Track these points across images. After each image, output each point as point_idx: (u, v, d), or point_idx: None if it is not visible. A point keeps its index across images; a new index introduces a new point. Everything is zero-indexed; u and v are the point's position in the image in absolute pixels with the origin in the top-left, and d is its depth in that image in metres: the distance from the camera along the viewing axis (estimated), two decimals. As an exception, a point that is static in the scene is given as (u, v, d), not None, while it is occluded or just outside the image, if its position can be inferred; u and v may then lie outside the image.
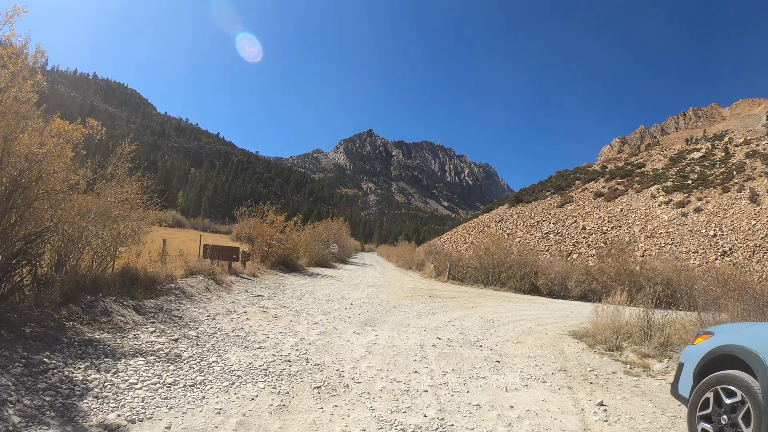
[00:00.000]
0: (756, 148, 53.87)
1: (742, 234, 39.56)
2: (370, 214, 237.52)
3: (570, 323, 10.26)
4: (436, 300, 12.82)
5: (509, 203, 66.32)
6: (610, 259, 20.23)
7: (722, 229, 41.30)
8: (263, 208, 18.12)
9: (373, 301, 11.09)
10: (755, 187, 45.20)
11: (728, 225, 41.72)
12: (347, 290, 13.20)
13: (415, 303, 11.58)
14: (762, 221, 39.91)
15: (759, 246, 37.46)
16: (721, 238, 40.41)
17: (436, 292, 15.44)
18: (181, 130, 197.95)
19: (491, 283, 20.27)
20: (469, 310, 11.30)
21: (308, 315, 8.22)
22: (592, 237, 47.72)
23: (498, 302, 14.20)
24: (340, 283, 15.33)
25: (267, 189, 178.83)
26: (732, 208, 43.71)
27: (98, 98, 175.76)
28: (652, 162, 65.43)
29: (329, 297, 11.17)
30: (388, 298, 12.21)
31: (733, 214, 42.93)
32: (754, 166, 49.50)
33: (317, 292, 12.04)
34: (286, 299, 9.99)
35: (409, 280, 19.99)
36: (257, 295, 9.97)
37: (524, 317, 10.91)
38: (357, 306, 10.04)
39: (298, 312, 8.43)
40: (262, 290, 10.95)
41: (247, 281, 12.19)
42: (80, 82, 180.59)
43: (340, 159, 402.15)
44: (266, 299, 9.62)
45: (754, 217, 41.13)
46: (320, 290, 12.50)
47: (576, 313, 13.22)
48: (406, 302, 11.61)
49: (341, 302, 10.39)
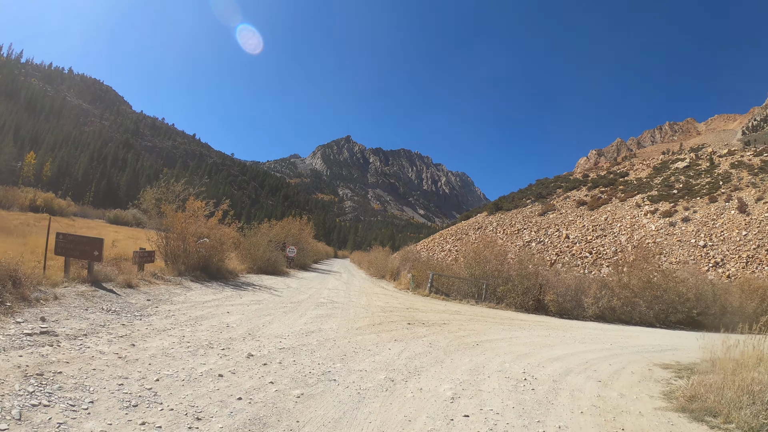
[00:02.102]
0: (741, 158, 52.65)
1: (734, 245, 38.37)
2: (345, 220, 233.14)
3: (637, 370, 6.43)
4: (418, 330, 8.38)
5: (488, 211, 63.50)
6: (627, 268, 16.28)
7: (712, 240, 40.22)
8: (176, 187, 13.41)
9: (305, 346, 6.22)
10: (743, 197, 44.08)
11: (718, 235, 40.60)
12: (274, 315, 8.53)
13: (384, 341, 7.08)
14: (753, 232, 38.88)
15: (752, 257, 36.08)
16: (711, 249, 39.05)
17: (417, 313, 11.00)
18: (155, 130, 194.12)
19: (485, 299, 15.98)
20: (474, 351, 6.92)
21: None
22: (576, 246, 46.26)
23: (505, 330, 9.90)
24: (274, 300, 10.68)
25: (241, 192, 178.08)
26: (721, 218, 42.69)
27: (72, 93, 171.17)
28: (635, 171, 63.83)
29: (217, 339, 6.06)
30: (339, 330, 7.63)
31: (722, 224, 41.83)
32: (740, 177, 48.21)
33: (207, 322, 7.09)
34: (103, 345, 5.11)
35: (380, 294, 15.43)
36: (43, 332, 5.12)
37: (565, 365, 6.65)
38: (259, 365, 5.09)
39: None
40: (88, 318, 6.06)
41: (94, 296, 7.40)
42: (54, 76, 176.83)
43: (317, 164, 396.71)
44: (61, 341, 4.90)
45: (745, 227, 40.02)
46: (220, 318, 7.58)
47: (619, 346, 9.22)
48: (370, 339, 7.10)
49: (228, 353, 5.46)
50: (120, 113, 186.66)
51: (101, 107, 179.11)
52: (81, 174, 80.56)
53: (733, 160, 52.74)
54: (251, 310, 8.70)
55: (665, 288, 15.42)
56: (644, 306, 15.04)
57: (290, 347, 5.89)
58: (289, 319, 8.06)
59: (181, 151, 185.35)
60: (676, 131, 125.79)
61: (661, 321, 15.50)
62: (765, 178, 45.22)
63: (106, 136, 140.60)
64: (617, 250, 42.41)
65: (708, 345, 7.07)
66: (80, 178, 79.63)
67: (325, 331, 7.30)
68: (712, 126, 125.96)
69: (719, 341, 8.19)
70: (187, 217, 13.24)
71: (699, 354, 10.16)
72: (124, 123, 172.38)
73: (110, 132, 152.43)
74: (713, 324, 15.76)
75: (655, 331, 13.78)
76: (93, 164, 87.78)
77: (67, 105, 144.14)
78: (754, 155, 53.30)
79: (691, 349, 10.49)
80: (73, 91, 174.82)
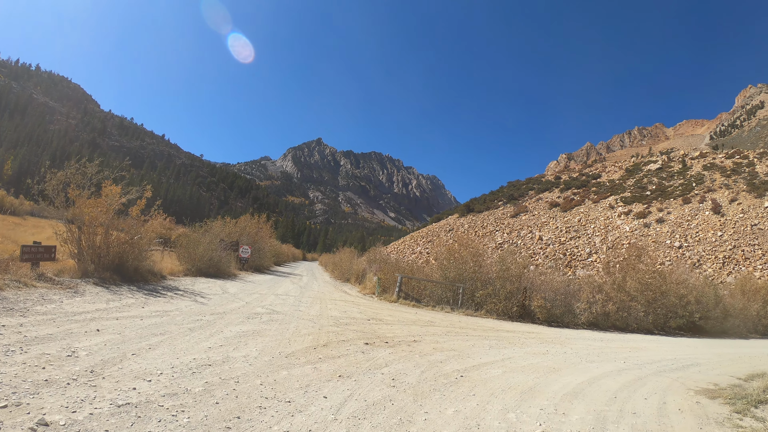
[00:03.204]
0: (713, 161, 52.90)
1: (710, 245, 38.18)
2: (316, 223, 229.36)
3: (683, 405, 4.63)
4: (377, 354, 5.96)
5: (459, 213, 62.08)
6: (618, 268, 14.37)
7: (687, 241, 40.00)
8: (89, 168, 10.70)
9: (177, 396, 3.56)
10: (717, 198, 44.20)
11: (693, 236, 40.40)
12: (171, 334, 5.83)
13: (322, 379, 4.53)
14: (729, 232, 38.84)
15: (729, 258, 35.90)
16: (687, 250, 38.78)
17: (381, 326, 8.57)
18: (123, 129, 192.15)
19: (461, 305, 13.72)
20: (459, 390, 4.56)
21: None
22: (549, 248, 45.41)
23: (493, 348, 7.61)
24: (190, 311, 8.02)
25: (209, 193, 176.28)
26: (696, 219, 42.62)
27: (39, 90, 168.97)
28: (607, 173, 63.64)
29: (24, 379, 3.47)
30: (258, 360, 5.01)
31: (697, 225, 41.72)
32: (713, 178, 48.37)
33: (44, 346, 4.41)
34: None
35: (339, 301, 12.88)
36: None
37: (591, 406, 4.44)
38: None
39: None
40: None
41: None
42: (21, 73, 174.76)
43: (287, 167, 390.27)
44: None
45: (720, 228, 39.98)
46: (75, 339, 4.91)
47: (634, 363, 7.19)
48: (299, 376, 4.56)
49: (5, 415, 2.85)
50: (87, 112, 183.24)
51: (68, 105, 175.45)
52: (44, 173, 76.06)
53: (705, 162, 52.90)
54: (142, 326, 6.09)
55: (664, 290, 13.58)
56: (642, 311, 13.13)
57: (146, 401, 3.36)
58: (187, 342, 5.48)
59: (149, 151, 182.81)
60: (645, 136, 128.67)
61: (659, 327, 13.66)
62: (738, 180, 45.23)
63: (72, 135, 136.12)
64: (591, 251, 41.74)
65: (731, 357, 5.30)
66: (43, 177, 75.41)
67: (233, 361, 4.77)
68: (680, 131, 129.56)
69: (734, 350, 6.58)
70: (97, 204, 10.53)
71: (729, 369, 8.26)
72: (91, 122, 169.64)
73: (76, 131, 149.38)
74: (715, 329, 14.09)
75: (657, 339, 11.88)
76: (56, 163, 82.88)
77: (33, 102, 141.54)
78: (726, 157, 53.62)
79: (714, 363, 8.55)
80: (39, 89, 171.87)
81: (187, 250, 15.07)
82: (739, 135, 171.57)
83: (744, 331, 14.16)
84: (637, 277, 13.32)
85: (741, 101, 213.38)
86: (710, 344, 11.87)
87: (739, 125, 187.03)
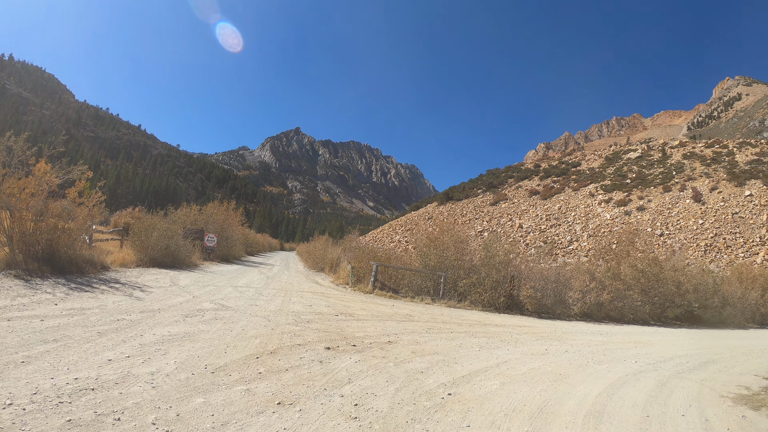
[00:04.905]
0: (693, 150, 53.06)
1: (691, 233, 38.17)
2: (295, 213, 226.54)
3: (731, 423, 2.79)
4: (339, 365, 4.61)
5: (438, 201, 61.04)
6: (611, 255, 13.36)
7: (669, 228, 39.94)
8: (15, 143, 9.02)
9: None
10: (697, 186, 44.23)
11: (675, 224, 40.37)
12: (66, 341, 4.33)
13: (249, 411, 3.18)
14: (710, 221, 38.90)
15: (710, 246, 35.90)
16: (669, 237, 38.64)
17: (350, 323, 7.24)
18: (99, 119, 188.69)
19: (443, 296, 12.49)
20: (447, 419, 3.26)
21: None
22: (530, 236, 44.85)
23: (483, 348, 6.37)
24: (115, 308, 6.53)
25: (186, 184, 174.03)
26: (676, 207, 42.66)
27: (12, 81, 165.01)
28: (587, 161, 63.50)
29: None
30: (170, 378, 3.60)
31: (678, 213, 41.74)
32: (693, 167, 48.46)
33: None
34: None
35: (307, 293, 11.46)
36: None
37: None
38: None
39: None
40: None
41: None
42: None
43: (266, 157, 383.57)
44: None
45: (701, 216, 40.03)
46: None
47: (646, 362, 6.10)
48: (217, 406, 3.21)
49: None
50: (62, 102, 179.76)
51: (42, 96, 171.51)
52: (17, 165, 72.73)
53: (685, 151, 53.04)
54: (36, 329, 4.62)
55: (661, 278, 12.62)
56: (638, 300, 12.15)
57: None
58: (84, 352, 4.04)
59: (124, 141, 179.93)
60: (623, 126, 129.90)
61: (656, 317, 12.74)
62: (718, 168, 45.35)
63: (46, 126, 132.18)
64: (572, 239, 41.36)
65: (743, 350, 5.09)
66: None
67: (131, 381, 3.36)
68: (658, 121, 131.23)
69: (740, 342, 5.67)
70: (25, 184, 8.88)
71: (748, 365, 7.29)
72: (66, 112, 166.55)
73: (50, 122, 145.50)
74: (713, 318, 13.26)
75: (658, 331, 10.91)
76: (30, 155, 79.68)
77: (5, 93, 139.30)
78: (706, 147, 53.85)
79: (729, 359, 7.53)
80: (13, 79, 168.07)
81: (140, 237, 13.39)
82: (717, 126, 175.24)
83: (742, 321, 13.41)
84: (632, 263, 12.32)
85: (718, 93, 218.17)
86: (714, 336, 10.99)
87: (716, 116, 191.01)
